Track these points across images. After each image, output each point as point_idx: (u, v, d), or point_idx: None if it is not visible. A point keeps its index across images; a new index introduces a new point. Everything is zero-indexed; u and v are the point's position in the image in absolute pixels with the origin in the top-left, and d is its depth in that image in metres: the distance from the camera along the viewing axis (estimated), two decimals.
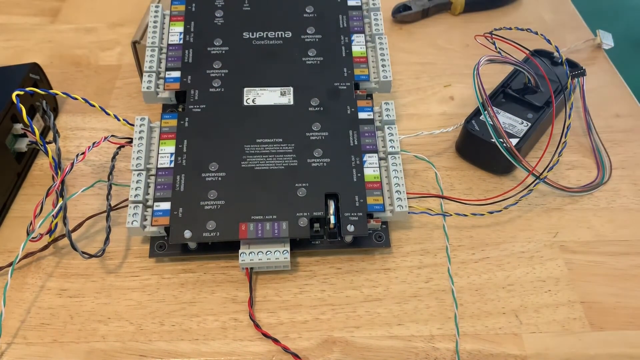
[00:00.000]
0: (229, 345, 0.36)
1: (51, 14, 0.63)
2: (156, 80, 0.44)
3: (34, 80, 0.48)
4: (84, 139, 0.50)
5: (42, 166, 0.47)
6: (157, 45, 0.45)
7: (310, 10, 0.48)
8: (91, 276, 0.40)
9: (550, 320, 0.37)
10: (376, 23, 0.47)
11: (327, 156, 0.41)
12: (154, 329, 0.37)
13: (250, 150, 0.41)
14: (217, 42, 0.46)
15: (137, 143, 0.41)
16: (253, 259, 0.38)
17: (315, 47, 0.46)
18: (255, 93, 0.44)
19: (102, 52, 0.58)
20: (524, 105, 0.47)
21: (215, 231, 0.38)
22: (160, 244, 0.40)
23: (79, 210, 0.44)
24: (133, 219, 0.38)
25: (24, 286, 0.40)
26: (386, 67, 0.45)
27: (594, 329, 0.37)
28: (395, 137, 0.42)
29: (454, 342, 0.36)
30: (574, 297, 0.39)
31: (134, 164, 0.40)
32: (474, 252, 0.41)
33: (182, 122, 0.42)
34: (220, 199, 0.39)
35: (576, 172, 0.47)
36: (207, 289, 0.39)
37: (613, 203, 0.45)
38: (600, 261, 0.41)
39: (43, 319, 0.38)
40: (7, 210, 0.44)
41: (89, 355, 0.36)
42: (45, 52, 0.58)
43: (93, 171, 0.47)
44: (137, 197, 0.39)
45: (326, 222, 0.39)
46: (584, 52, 0.58)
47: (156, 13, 0.47)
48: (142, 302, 0.39)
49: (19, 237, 0.41)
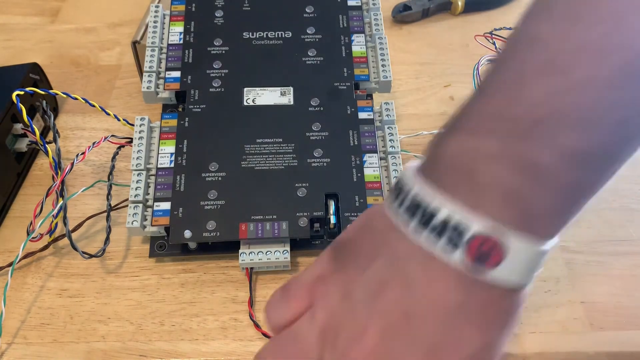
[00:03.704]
0: (228, 345, 0.36)
1: (51, 13, 0.63)
2: (156, 80, 0.44)
3: (33, 80, 0.48)
4: (84, 139, 0.50)
5: (42, 166, 0.47)
6: (157, 45, 0.45)
7: (310, 10, 0.48)
8: (91, 276, 0.40)
9: (550, 320, 0.37)
10: (376, 23, 0.47)
11: (327, 156, 0.41)
12: (154, 329, 0.37)
13: (251, 150, 0.41)
14: (217, 42, 0.46)
15: (137, 143, 0.41)
16: (253, 259, 0.38)
17: (315, 47, 0.46)
18: (255, 93, 0.44)
19: (102, 52, 0.58)
20: None
21: (215, 231, 0.38)
22: (160, 244, 0.40)
23: (79, 210, 0.44)
24: (133, 219, 0.38)
25: (24, 286, 0.40)
26: (386, 67, 0.45)
27: (594, 329, 0.37)
28: (395, 137, 0.42)
29: None
30: (574, 297, 0.39)
31: (134, 164, 0.40)
32: None
33: (182, 122, 0.42)
34: (220, 199, 0.39)
35: None
36: (207, 289, 0.39)
37: (613, 203, 0.45)
38: (601, 261, 0.41)
39: (43, 319, 0.38)
40: (7, 210, 0.44)
41: (88, 355, 0.36)
42: (45, 52, 0.58)
43: (93, 171, 0.47)
44: (137, 197, 0.39)
45: (326, 222, 0.39)
46: None
47: (156, 13, 0.47)
48: (142, 302, 0.39)
49: (19, 237, 0.41)
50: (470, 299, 0.22)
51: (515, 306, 0.23)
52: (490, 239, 0.21)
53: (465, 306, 0.22)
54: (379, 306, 0.23)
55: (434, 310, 0.22)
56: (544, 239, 0.22)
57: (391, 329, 0.23)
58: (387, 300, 0.23)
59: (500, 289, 0.22)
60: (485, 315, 0.23)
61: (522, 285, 0.23)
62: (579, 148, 0.21)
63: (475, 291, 0.22)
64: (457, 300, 0.22)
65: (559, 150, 0.21)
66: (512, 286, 0.22)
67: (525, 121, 0.21)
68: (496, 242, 0.21)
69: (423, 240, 0.22)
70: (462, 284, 0.22)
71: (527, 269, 0.22)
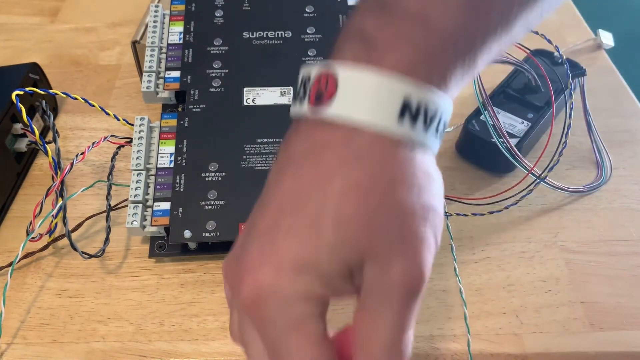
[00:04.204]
0: (228, 345, 0.36)
1: (51, 13, 0.63)
2: (156, 80, 0.44)
3: (33, 80, 0.48)
4: (83, 138, 0.50)
5: (41, 166, 0.47)
6: (157, 45, 0.45)
7: (310, 9, 0.48)
8: (91, 276, 0.40)
9: (550, 321, 0.37)
10: None
11: None
12: (154, 329, 0.37)
13: (250, 150, 0.41)
14: (217, 41, 0.46)
15: (137, 143, 0.41)
16: None
17: (315, 46, 0.46)
18: (255, 93, 0.44)
19: (102, 52, 0.58)
20: (524, 105, 0.47)
21: (215, 231, 0.38)
22: (160, 244, 0.40)
23: (79, 210, 0.43)
24: (133, 219, 0.38)
25: (23, 286, 0.39)
26: None
27: (594, 329, 0.37)
28: None
29: (454, 342, 0.36)
30: (575, 297, 0.39)
31: (134, 163, 0.40)
32: (474, 252, 0.41)
33: (182, 122, 0.42)
34: (220, 199, 0.39)
35: (576, 172, 0.47)
36: (207, 289, 0.39)
37: (613, 203, 0.44)
38: (601, 261, 0.41)
39: (43, 319, 0.38)
40: (6, 210, 0.44)
41: (88, 355, 0.36)
42: (44, 52, 0.58)
43: (93, 171, 0.47)
44: (137, 197, 0.39)
45: None
46: (584, 52, 0.58)
47: (156, 13, 0.46)
48: (142, 302, 0.39)
49: (18, 237, 0.41)
50: (310, 146, 0.21)
51: (376, 154, 0.20)
52: (322, 75, 0.21)
53: (305, 154, 0.21)
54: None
55: (284, 162, 0.22)
56: (390, 70, 0.21)
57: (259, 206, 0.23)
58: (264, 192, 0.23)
59: (343, 128, 0.21)
60: (324, 160, 0.21)
61: (378, 125, 0.20)
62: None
63: (313, 137, 0.21)
64: (303, 149, 0.22)
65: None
66: (358, 123, 0.20)
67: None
68: (328, 76, 0.21)
69: (291, 110, 0.23)
70: (305, 133, 0.22)
71: (366, 100, 0.20)
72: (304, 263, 0.20)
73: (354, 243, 0.20)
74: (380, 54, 0.21)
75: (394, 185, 0.20)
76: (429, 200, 0.21)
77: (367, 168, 0.20)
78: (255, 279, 0.21)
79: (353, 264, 0.21)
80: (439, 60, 0.21)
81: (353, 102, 0.21)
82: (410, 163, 0.21)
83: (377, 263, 0.20)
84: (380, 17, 0.21)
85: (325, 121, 0.21)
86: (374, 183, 0.20)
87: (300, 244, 0.20)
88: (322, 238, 0.20)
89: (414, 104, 0.21)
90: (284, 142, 0.23)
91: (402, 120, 0.21)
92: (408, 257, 0.20)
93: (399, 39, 0.21)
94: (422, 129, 0.21)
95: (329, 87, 0.21)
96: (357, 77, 0.21)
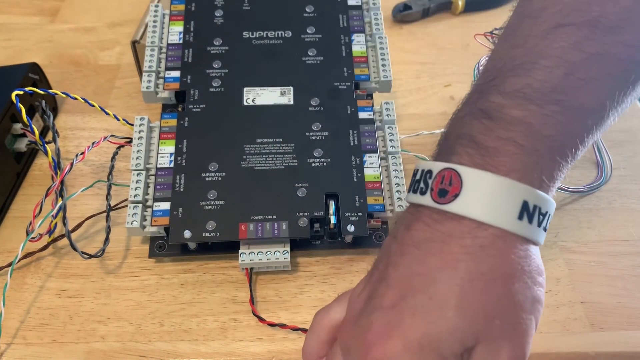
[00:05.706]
0: (228, 345, 0.36)
1: (50, 13, 0.63)
2: (156, 80, 0.44)
3: (33, 80, 0.48)
4: (83, 138, 0.49)
5: (41, 166, 0.47)
6: (157, 44, 0.45)
7: (310, 9, 0.48)
8: (91, 276, 0.40)
9: (550, 321, 0.37)
10: (376, 23, 0.47)
11: (327, 156, 0.41)
12: (154, 330, 0.37)
13: (250, 150, 0.41)
14: (216, 41, 0.46)
15: (137, 143, 0.41)
16: (253, 259, 0.38)
17: (315, 46, 0.46)
18: (255, 93, 0.44)
19: (102, 52, 0.58)
20: None
21: (215, 231, 0.38)
22: (160, 244, 0.40)
23: (79, 210, 0.43)
24: (133, 219, 0.38)
25: (23, 286, 0.39)
26: (386, 67, 0.45)
27: (594, 329, 0.37)
28: (395, 137, 0.42)
29: None
30: (575, 297, 0.39)
31: (134, 163, 0.40)
32: None
33: (182, 121, 0.42)
34: (220, 199, 0.39)
35: (576, 172, 0.47)
36: (207, 289, 0.39)
37: (614, 203, 0.44)
38: (601, 261, 0.41)
39: (42, 319, 0.38)
40: (6, 210, 0.44)
41: (88, 355, 0.36)
42: (44, 52, 0.58)
43: (92, 171, 0.47)
44: (136, 197, 0.39)
45: (326, 222, 0.39)
46: None
47: (156, 12, 0.46)
48: (142, 303, 0.39)
49: (18, 237, 0.41)
50: (434, 234, 0.24)
51: (498, 248, 0.23)
52: (447, 172, 0.24)
53: (430, 241, 0.24)
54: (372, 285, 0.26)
55: (407, 244, 0.25)
56: (506, 175, 0.24)
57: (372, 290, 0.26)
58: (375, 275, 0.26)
59: (467, 222, 0.23)
60: (450, 248, 0.23)
61: (500, 224, 0.23)
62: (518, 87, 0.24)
63: (438, 227, 0.24)
64: (427, 237, 0.24)
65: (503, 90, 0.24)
66: (479, 219, 0.23)
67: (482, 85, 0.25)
68: (452, 175, 0.24)
69: (409, 199, 0.26)
70: (428, 222, 0.24)
71: (491, 201, 0.23)
72: (429, 341, 0.23)
73: (474, 327, 0.23)
74: (495, 161, 0.24)
75: (513, 279, 0.23)
76: (537, 293, 0.24)
77: (491, 259, 0.23)
78: (384, 348, 0.23)
79: (468, 346, 0.23)
80: (547, 163, 0.24)
81: (477, 202, 0.23)
82: (526, 258, 0.24)
83: (489, 346, 0.23)
84: (487, 124, 0.24)
85: (448, 214, 0.24)
86: (496, 274, 0.23)
87: (426, 323, 0.23)
88: (448, 320, 0.23)
89: (531, 207, 0.24)
90: (405, 226, 0.26)
91: (521, 220, 0.24)
92: (515, 343, 0.23)
93: (508, 145, 0.24)
94: (536, 227, 0.24)
95: (452, 186, 0.24)
96: (480, 180, 0.23)
